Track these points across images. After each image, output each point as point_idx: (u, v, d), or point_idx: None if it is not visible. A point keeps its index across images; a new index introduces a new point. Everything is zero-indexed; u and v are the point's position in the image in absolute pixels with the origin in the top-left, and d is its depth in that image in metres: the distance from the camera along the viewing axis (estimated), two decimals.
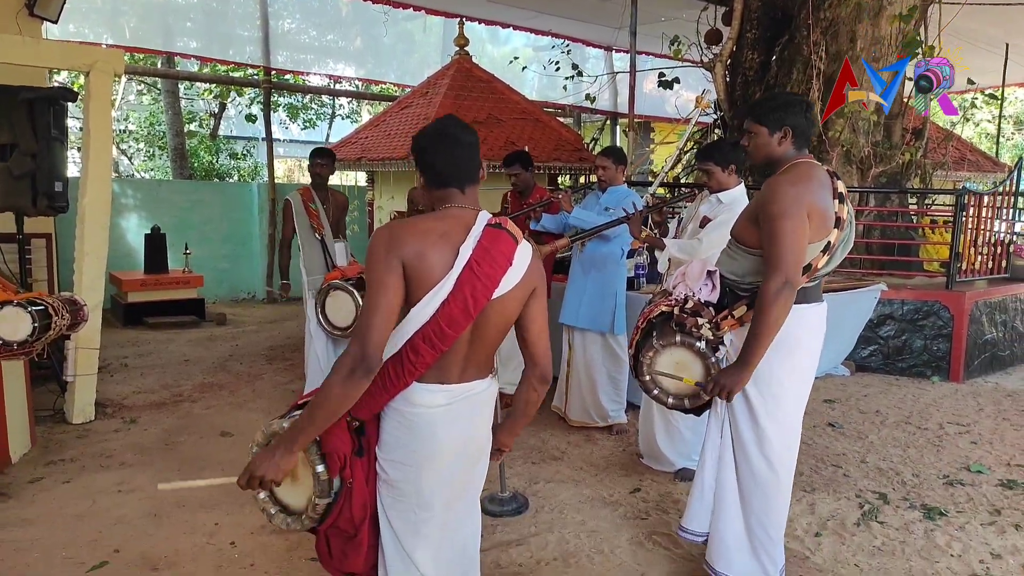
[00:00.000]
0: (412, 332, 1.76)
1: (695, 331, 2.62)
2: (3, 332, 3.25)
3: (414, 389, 1.81)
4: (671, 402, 2.71)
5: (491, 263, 1.78)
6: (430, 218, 1.84)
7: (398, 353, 1.78)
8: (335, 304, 4.88)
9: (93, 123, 4.54)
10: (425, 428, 1.83)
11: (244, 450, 4.38)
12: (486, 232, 1.81)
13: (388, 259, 1.73)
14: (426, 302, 1.75)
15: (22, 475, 3.88)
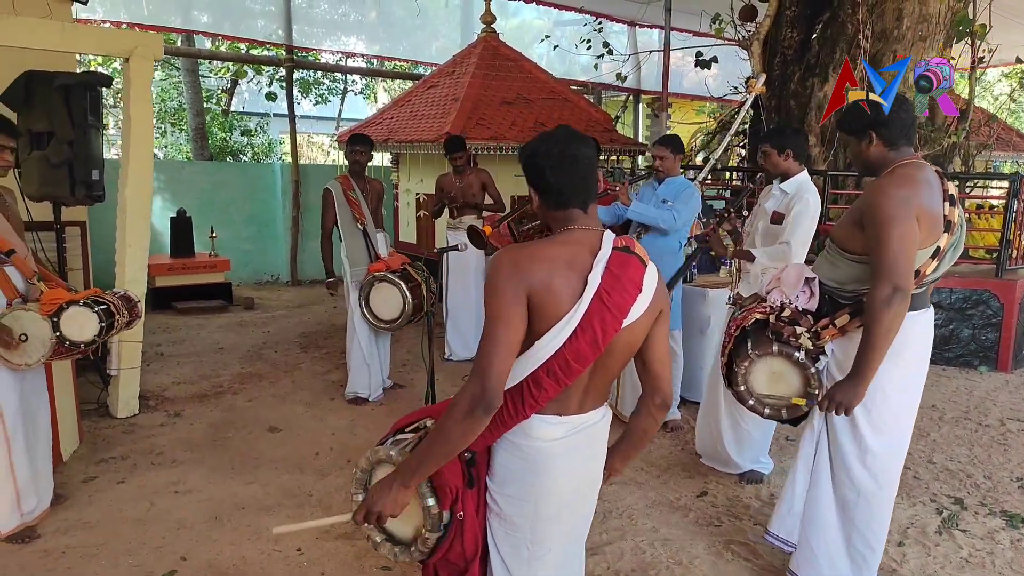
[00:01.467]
0: (535, 366, 1.65)
1: (793, 340, 2.52)
2: (70, 333, 3.15)
3: (532, 422, 1.71)
4: (767, 412, 2.61)
5: (621, 292, 1.66)
6: (554, 243, 1.71)
7: (518, 386, 1.67)
8: (380, 296, 4.78)
9: (134, 110, 4.41)
10: (543, 462, 1.73)
11: (294, 446, 4.39)
12: (614, 257, 1.69)
13: (512, 289, 1.60)
14: (552, 336, 1.63)
15: (75, 474, 3.83)
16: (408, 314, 4.69)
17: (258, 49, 10.89)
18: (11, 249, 3.14)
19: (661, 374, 1.84)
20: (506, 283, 1.61)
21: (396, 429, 1.96)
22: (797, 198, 3.54)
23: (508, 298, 1.60)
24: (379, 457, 1.83)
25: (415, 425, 1.92)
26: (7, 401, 3.11)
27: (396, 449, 1.80)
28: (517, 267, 1.62)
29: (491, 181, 5.94)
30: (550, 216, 1.78)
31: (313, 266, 10.15)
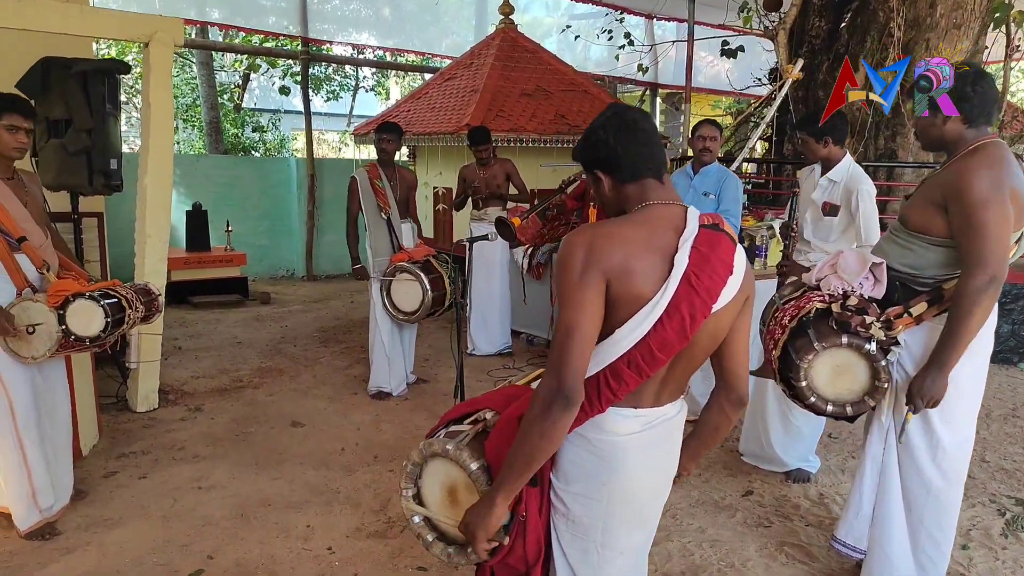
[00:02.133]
0: (615, 357, 1.50)
1: (863, 331, 2.36)
2: (75, 327, 3.02)
3: (607, 415, 1.56)
4: (831, 410, 2.45)
5: (711, 274, 1.49)
6: (631, 222, 1.54)
7: (594, 378, 1.53)
8: (401, 288, 4.66)
9: (154, 97, 4.29)
10: (616, 458, 1.58)
11: (318, 442, 4.26)
12: (701, 235, 1.52)
13: (588, 274, 1.45)
14: (635, 324, 1.47)
15: (95, 469, 3.71)
16: (427, 306, 4.56)
17: (272, 42, 10.77)
18: (22, 236, 3.02)
19: (739, 368, 1.68)
20: (581, 267, 1.46)
21: (449, 420, 1.82)
22: (856, 193, 3.36)
23: (583, 284, 1.45)
24: (433, 450, 1.69)
25: (473, 417, 1.78)
26: (19, 395, 2.99)
27: (452, 443, 1.66)
28: (592, 249, 1.46)
29: (515, 171, 5.80)
30: (623, 194, 1.61)
31: (329, 261, 10.05)
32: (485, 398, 1.84)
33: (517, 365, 5.67)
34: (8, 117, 2.92)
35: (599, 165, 1.61)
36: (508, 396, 1.81)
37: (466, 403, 1.86)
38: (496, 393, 1.86)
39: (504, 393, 1.84)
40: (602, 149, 1.59)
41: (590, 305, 1.46)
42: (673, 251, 1.49)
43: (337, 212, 9.95)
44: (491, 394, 1.87)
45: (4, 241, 2.95)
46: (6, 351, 2.94)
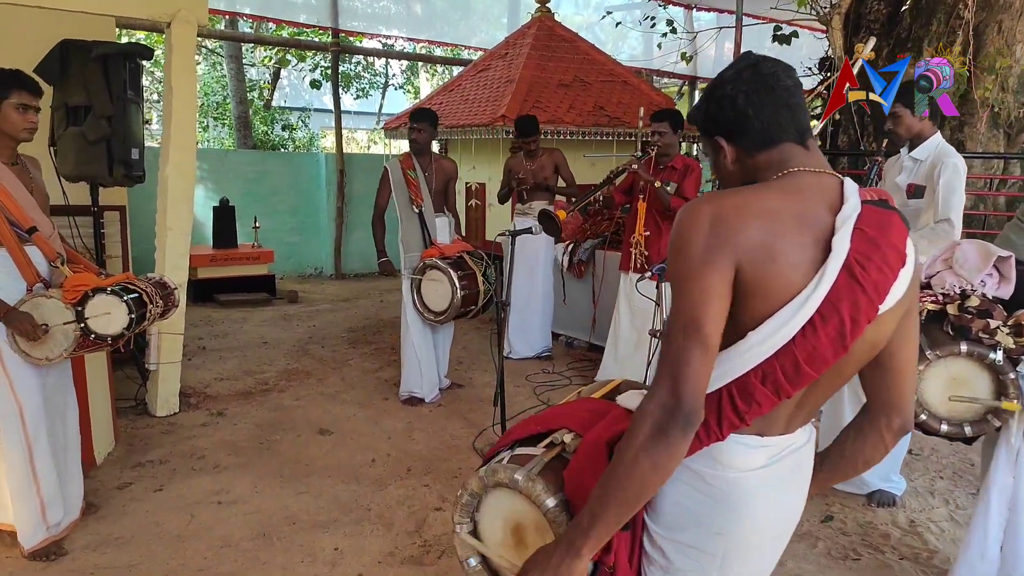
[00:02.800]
0: (744, 369, 1.16)
1: (985, 337, 1.99)
2: (96, 325, 2.75)
3: (727, 444, 1.21)
4: (945, 430, 2.08)
5: (880, 264, 1.13)
6: (771, 189, 1.19)
7: (714, 395, 1.18)
8: (431, 286, 4.35)
9: (176, 81, 4.02)
10: (736, 501, 1.23)
11: (347, 452, 3.94)
12: (866, 213, 1.16)
13: (713, 255, 1.11)
14: (777, 326, 1.13)
15: (108, 480, 3.44)
16: (456, 306, 4.23)
17: (303, 34, 10.55)
18: (33, 227, 2.75)
19: (905, 386, 1.29)
20: (704, 246, 1.12)
21: (514, 440, 1.49)
22: (941, 165, 3.01)
23: (708, 268, 1.11)
24: (498, 479, 1.36)
25: (549, 440, 1.44)
26: (28, 400, 2.73)
27: (523, 472, 1.33)
28: (720, 222, 1.12)
29: (564, 163, 5.44)
30: (753, 166, 1.26)
31: (358, 259, 9.79)
32: (560, 414, 1.49)
33: (557, 369, 5.32)
34: (17, 95, 2.66)
35: (722, 130, 1.26)
36: (590, 412, 1.47)
37: (536, 419, 1.52)
38: (573, 408, 1.52)
39: (584, 408, 1.50)
40: (728, 110, 1.24)
41: (716, 297, 1.12)
42: (829, 232, 1.14)
43: (367, 209, 9.65)
44: (566, 409, 1.53)
45: (13, 233, 2.69)
46: (17, 352, 2.68)
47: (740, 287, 1.12)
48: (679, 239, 1.15)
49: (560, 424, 1.44)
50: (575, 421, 1.43)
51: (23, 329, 2.63)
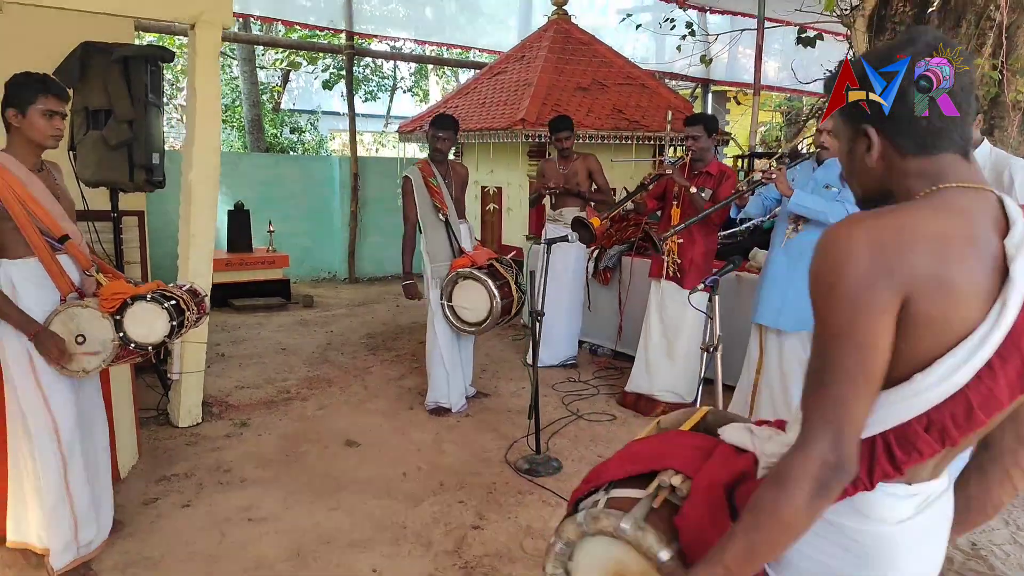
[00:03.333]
0: (908, 416, 1.04)
1: None
2: (136, 334, 2.66)
3: (874, 494, 1.09)
4: None
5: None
6: (935, 209, 1.04)
7: (867, 442, 1.06)
8: (465, 297, 4.24)
9: (199, 84, 3.93)
10: (882, 556, 1.10)
11: (377, 465, 3.82)
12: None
13: (877, 287, 0.98)
14: (950, 370, 1.00)
15: (134, 495, 3.35)
16: (496, 317, 4.14)
17: (316, 36, 10.45)
18: (65, 235, 2.66)
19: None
20: (865, 277, 0.99)
21: (609, 481, 1.38)
22: (1008, 169, 2.92)
23: (870, 302, 0.98)
24: (600, 528, 1.25)
25: (655, 483, 1.32)
26: (63, 415, 2.64)
27: (630, 520, 1.22)
28: (884, 251, 0.99)
29: (599, 169, 5.32)
30: (901, 171, 1.11)
31: (371, 263, 9.71)
32: (658, 452, 1.38)
33: (583, 378, 5.22)
34: (43, 100, 2.55)
35: (877, 119, 1.11)
36: (692, 449, 1.35)
37: (629, 456, 1.40)
38: (669, 444, 1.41)
39: (683, 444, 1.39)
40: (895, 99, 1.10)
41: (882, 338, 1.00)
42: (999, 258, 1.01)
43: (380, 212, 9.61)
44: (662, 445, 1.41)
45: (46, 242, 2.59)
46: (53, 365, 2.59)
47: (906, 322, 1.00)
48: (830, 271, 1.02)
49: (662, 464, 1.33)
50: (679, 460, 1.32)
51: (50, 353, 2.54)
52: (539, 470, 3.62)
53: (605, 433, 4.17)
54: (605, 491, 1.35)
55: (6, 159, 2.58)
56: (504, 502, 3.33)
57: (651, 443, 1.44)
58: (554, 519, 3.16)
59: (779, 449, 1.23)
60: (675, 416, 1.60)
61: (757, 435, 1.35)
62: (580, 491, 1.42)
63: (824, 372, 1.03)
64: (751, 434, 1.35)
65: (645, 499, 1.28)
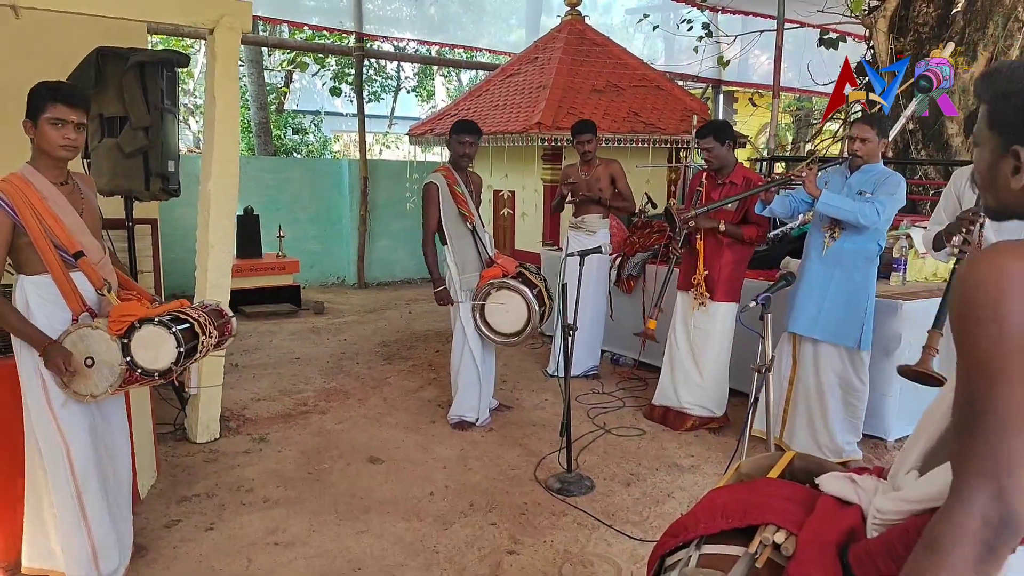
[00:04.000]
0: None
1: None
2: (142, 359, 2.53)
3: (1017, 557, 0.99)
4: None
5: None
6: None
7: None
8: (500, 306, 4.12)
9: (219, 90, 3.82)
10: None
11: (402, 484, 3.67)
12: None
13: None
14: None
15: (155, 517, 3.23)
16: (535, 326, 4.06)
17: (325, 38, 10.32)
18: (79, 251, 2.54)
19: None
20: (1019, 319, 0.90)
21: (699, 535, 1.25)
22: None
23: (1021, 341, 0.90)
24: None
25: (757, 540, 1.19)
26: (76, 440, 2.53)
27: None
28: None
29: (622, 174, 5.19)
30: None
31: (381, 268, 9.60)
32: (753, 503, 1.25)
33: (607, 389, 5.10)
34: (52, 108, 2.41)
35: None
36: (790, 502, 1.24)
37: (716, 508, 1.28)
38: (764, 495, 1.29)
39: (779, 496, 1.27)
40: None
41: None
42: None
43: (391, 217, 9.50)
44: (755, 496, 1.29)
45: (59, 258, 2.48)
46: (61, 388, 2.48)
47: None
48: (983, 305, 0.92)
49: (761, 518, 1.21)
50: (779, 514, 1.20)
51: (57, 367, 2.43)
52: (571, 489, 3.50)
53: (635, 449, 4.05)
54: (696, 547, 1.23)
55: (29, 172, 2.47)
56: (538, 524, 3.21)
57: (740, 493, 1.32)
58: (592, 543, 3.04)
59: (895, 506, 1.12)
60: (757, 461, 1.48)
61: (861, 486, 1.24)
62: (665, 546, 1.30)
63: (978, 417, 0.94)
64: (854, 485, 1.24)
65: (746, 558, 1.16)
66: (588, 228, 5.14)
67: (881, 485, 1.24)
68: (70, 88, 2.51)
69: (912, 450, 1.23)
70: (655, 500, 3.44)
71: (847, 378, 3.62)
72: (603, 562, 2.90)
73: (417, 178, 9.25)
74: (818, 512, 1.18)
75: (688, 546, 1.25)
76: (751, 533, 1.20)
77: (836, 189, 3.51)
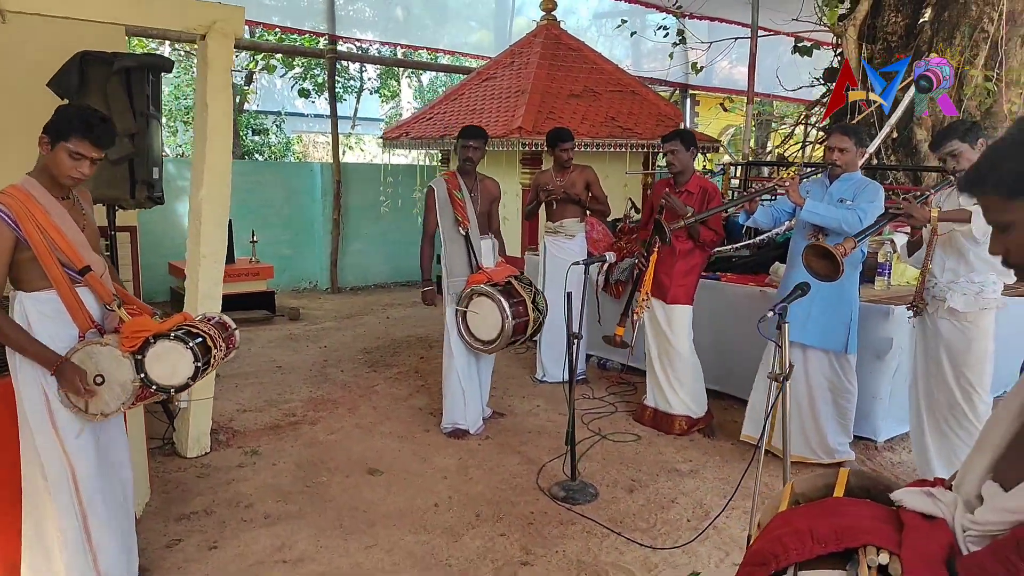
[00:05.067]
0: None
1: None
2: (158, 375, 2.46)
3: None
4: None
5: None
6: None
7: None
8: (478, 313, 4.13)
9: (211, 98, 3.72)
10: None
11: (405, 496, 3.64)
12: None
13: None
14: None
15: (154, 536, 3.14)
16: (507, 335, 4.04)
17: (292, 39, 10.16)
18: (86, 267, 2.46)
19: None
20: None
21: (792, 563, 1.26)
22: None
23: None
24: None
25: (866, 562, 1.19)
26: (82, 462, 2.45)
27: None
28: None
29: (596, 180, 5.23)
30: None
31: (354, 272, 9.49)
32: (838, 523, 1.25)
33: (597, 394, 5.13)
34: (78, 143, 2.32)
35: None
36: (877, 520, 1.25)
37: (801, 532, 1.26)
38: (843, 512, 1.29)
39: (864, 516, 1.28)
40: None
41: None
42: None
43: (364, 221, 9.41)
44: (836, 514, 1.28)
45: (65, 274, 2.39)
46: (70, 408, 2.39)
47: None
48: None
49: (857, 540, 1.21)
50: (874, 535, 1.21)
51: (74, 386, 2.35)
52: (576, 498, 3.51)
53: (634, 455, 4.08)
54: (795, 572, 1.24)
55: (31, 185, 2.38)
56: (548, 534, 3.21)
57: (820, 515, 1.32)
58: (603, 552, 3.06)
59: (998, 517, 1.15)
60: (811, 481, 1.49)
61: (941, 499, 1.26)
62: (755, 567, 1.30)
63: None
64: (934, 499, 1.27)
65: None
66: (567, 232, 5.18)
67: (958, 498, 1.26)
68: (103, 127, 2.40)
69: (979, 460, 1.26)
70: (660, 506, 3.47)
71: (836, 381, 3.71)
72: (618, 571, 2.91)
73: (391, 181, 9.19)
74: (910, 529, 1.20)
75: (783, 574, 1.25)
76: (845, 556, 1.21)
77: (817, 198, 3.61)
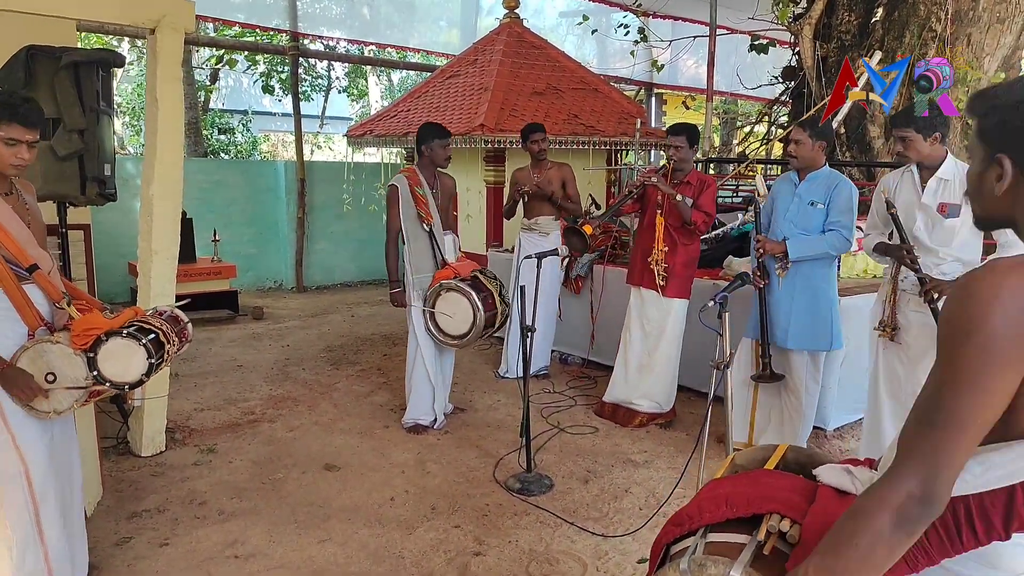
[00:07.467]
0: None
1: None
2: (111, 372, 2.45)
3: (1006, 546, 1.08)
4: None
5: None
6: None
7: (1004, 491, 1.06)
8: (448, 308, 4.14)
9: (162, 92, 3.69)
10: None
11: (362, 490, 3.67)
12: None
13: (1011, 345, 0.98)
14: None
15: (104, 535, 3.11)
16: (479, 328, 4.07)
17: (252, 36, 10.08)
18: (33, 264, 2.43)
19: None
20: (1008, 338, 0.98)
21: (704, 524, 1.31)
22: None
23: (1001, 363, 0.98)
24: (707, 575, 1.19)
25: (764, 528, 1.25)
26: (34, 458, 2.41)
27: (739, 568, 1.16)
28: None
29: (572, 179, 5.25)
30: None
31: (319, 271, 9.44)
32: (756, 494, 1.31)
33: (557, 388, 5.17)
34: (7, 128, 2.30)
35: (1014, 148, 1.07)
36: (791, 491, 1.31)
37: (719, 498, 1.33)
38: (766, 485, 1.35)
39: (780, 486, 1.34)
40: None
41: (1000, 394, 1.00)
42: None
43: (329, 219, 9.36)
44: (756, 487, 1.35)
45: (11, 272, 2.36)
46: (22, 406, 2.37)
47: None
48: (969, 319, 1.00)
49: (765, 507, 1.28)
50: (783, 504, 1.27)
51: (22, 393, 2.32)
52: (531, 489, 3.55)
53: (590, 447, 4.13)
54: (702, 535, 1.29)
55: None
56: (502, 525, 3.24)
57: (742, 484, 1.38)
58: (556, 541, 3.10)
59: None
60: (751, 453, 1.55)
61: (857, 477, 1.32)
62: (669, 535, 1.35)
63: (937, 413, 1.03)
64: (850, 476, 1.32)
65: (752, 544, 1.23)
66: (541, 230, 5.21)
67: (875, 475, 1.32)
68: (27, 107, 2.39)
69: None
70: (613, 496, 3.52)
71: (809, 379, 3.76)
72: (568, 559, 2.95)
73: (355, 180, 9.15)
74: (819, 502, 1.25)
75: (693, 535, 1.31)
76: (755, 522, 1.27)
77: (786, 201, 3.64)
